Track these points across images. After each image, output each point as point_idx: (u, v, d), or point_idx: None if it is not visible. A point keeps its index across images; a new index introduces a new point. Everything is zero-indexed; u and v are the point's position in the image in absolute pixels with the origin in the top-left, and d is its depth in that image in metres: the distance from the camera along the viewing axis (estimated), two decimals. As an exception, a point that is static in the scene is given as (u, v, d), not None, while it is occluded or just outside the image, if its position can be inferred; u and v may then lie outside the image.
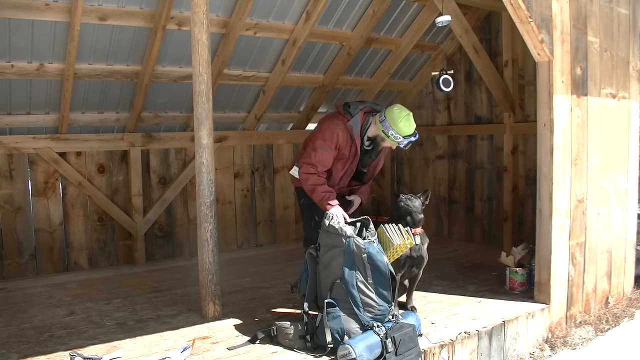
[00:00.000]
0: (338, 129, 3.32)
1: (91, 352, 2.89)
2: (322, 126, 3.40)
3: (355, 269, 2.87)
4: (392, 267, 2.93)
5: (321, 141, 3.31)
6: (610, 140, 3.97)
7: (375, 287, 2.86)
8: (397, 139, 3.24)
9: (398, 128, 3.21)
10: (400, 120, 3.21)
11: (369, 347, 2.70)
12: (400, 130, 3.22)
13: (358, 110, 3.37)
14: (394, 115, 3.23)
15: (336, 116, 3.42)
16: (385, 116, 3.25)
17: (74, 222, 4.79)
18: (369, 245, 2.89)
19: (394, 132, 3.22)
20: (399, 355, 2.71)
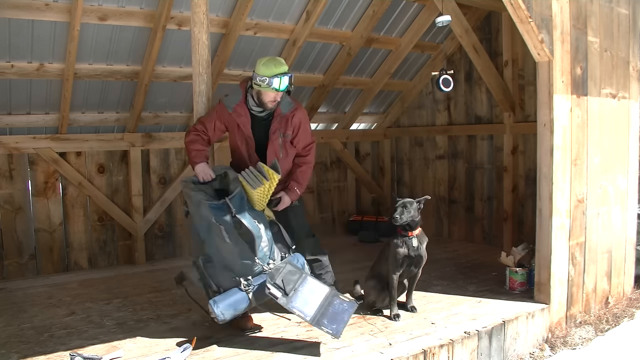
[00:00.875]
0: (219, 107, 3.29)
1: (91, 352, 2.89)
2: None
3: (211, 230, 2.94)
4: (261, 216, 2.99)
5: (205, 115, 3.33)
6: (610, 140, 3.97)
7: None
8: (265, 81, 3.09)
9: (261, 71, 3.11)
10: (262, 63, 3.14)
11: (232, 304, 2.86)
12: (264, 72, 3.10)
13: (238, 87, 3.32)
14: (257, 63, 3.17)
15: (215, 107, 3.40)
16: (254, 70, 3.17)
17: (74, 222, 4.80)
18: (218, 209, 2.89)
19: (260, 77, 3.11)
20: (289, 293, 2.85)
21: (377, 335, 3.14)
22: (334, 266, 4.77)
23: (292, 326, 3.32)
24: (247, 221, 2.89)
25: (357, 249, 5.54)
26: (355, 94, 6.01)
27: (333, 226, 6.40)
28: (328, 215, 6.37)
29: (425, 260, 3.45)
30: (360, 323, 3.35)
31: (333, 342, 3.03)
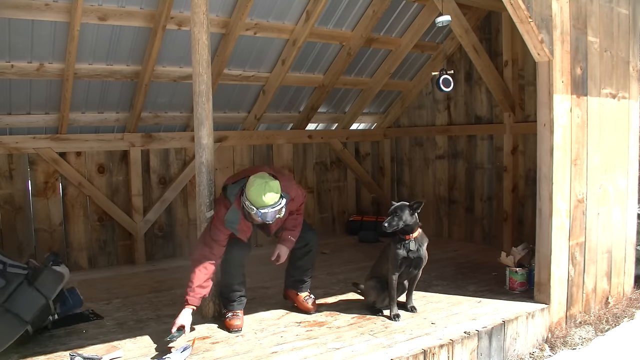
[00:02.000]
0: (219, 222, 3.10)
1: (91, 352, 2.90)
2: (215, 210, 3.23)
3: None
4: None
5: (214, 228, 3.11)
6: (610, 140, 3.97)
7: None
8: (252, 210, 2.89)
9: (252, 198, 2.90)
10: (253, 188, 2.89)
11: None
12: (255, 201, 2.89)
13: (233, 196, 3.06)
14: (248, 184, 2.93)
15: (220, 204, 3.18)
16: (246, 187, 2.94)
17: (74, 222, 4.80)
18: None
19: (248, 204, 2.91)
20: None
21: (377, 335, 3.14)
22: (334, 266, 4.80)
23: (292, 326, 3.32)
24: None
25: (357, 249, 5.54)
26: (355, 94, 6.01)
27: (333, 226, 6.40)
28: (328, 215, 6.37)
29: (425, 261, 3.45)
30: (360, 323, 3.35)
31: (333, 342, 3.03)
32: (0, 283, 2.91)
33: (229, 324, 3.26)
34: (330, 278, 4.38)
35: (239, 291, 3.34)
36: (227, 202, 3.10)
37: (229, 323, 3.26)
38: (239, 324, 3.26)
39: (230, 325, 3.24)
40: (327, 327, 3.29)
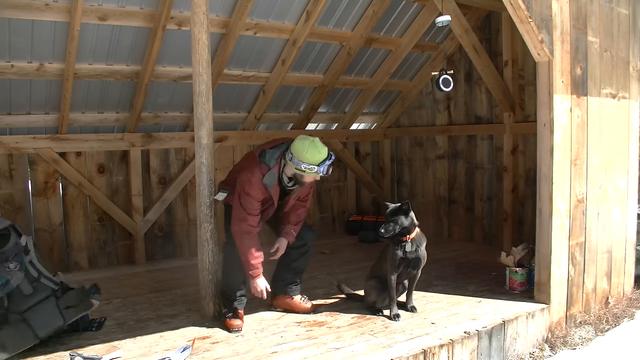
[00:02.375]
0: (255, 185, 3.15)
1: (91, 352, 2.90)
2: (243, 179, 3.19)
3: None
4: None
5: (244, 198, 3.15)
6: (610, 140, 3.97)
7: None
8: (312, 170, 3.10)
9: (307, 159, 3.09)
10: (306, 151, 3.09)
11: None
12: (312, 159, 3.09)
13: (274, 160, 3.19)
14: (297, 149, 3.12)
15: (253, 169, 3.20)
16: (292, 153, 3.13)
17: (74, 222, 4.80)
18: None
19: (306, 165, 3.09)
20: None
21: (377, 335, 3.14)
22: (334, 266, 4.80)
23: (292, 326, 3.32)
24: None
25: (357, 249, 5.54)
26: (355, 94, 6.01)
27: (333, 226, 6.40)
28: (328, 215, 6.37)
29: (424, 261, 3.45)
30: (361, 323, 3.35)
31: (333, 342, 3.03)
32: (27, 290, 2.91)
33: (230, 323, 3.25)
34: (330, 278, 4.38)
35: (239, 290, 3.33)
36: (263, 166, 3.17)
37: (230, 323, 3.25)
38: (239, 323, 3.26)
39: (231, 325, 3.24)
40: (327, 327, 3.29)
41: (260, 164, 3.20)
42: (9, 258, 2.95)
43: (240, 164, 3.49)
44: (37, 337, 2.87)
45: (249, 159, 3.34)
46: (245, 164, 3.31)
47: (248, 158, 3.39)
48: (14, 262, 2.95)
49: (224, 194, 3.37)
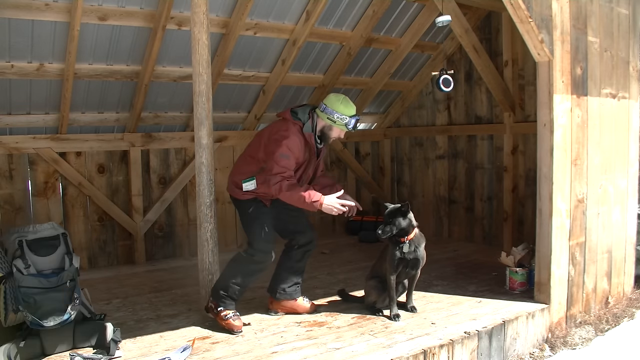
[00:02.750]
0: (295, 138, 3.20)
1: (91, 352, 2.90)
2: (280, 135, 3.19)
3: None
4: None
5: (283, 149, 3.14)
6: (610, 140, 3.97)
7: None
8: (344, 120, 3.27)
9: (341, 109, 3.27)
10: (340, 102, 3.28)
11: None
12: (344, 111, 3.27)
13: (306, 115, 3.30)
14: (332, 100, 3.29)
15: (288, 125, 3.25)
16: (325, 104, 3.28)
17: (74, 222, 4.79)
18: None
19: (339, 114, 3.26)
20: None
21: (377, 335, 3.14)
22: (334, 266, 4.80)
23: (292, 326, 3.32)
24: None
25: (357, 249, 5.54)
26: (355, 94, 6.01)
27: (333, 226, 6.40)
28: (328, 215, 6.34)
29: (423, 261, 3.45)
30: (361, 323, 3.35)
31: (333, 342, 3.03)
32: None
33: (231, 324, 3.18)
34: (330, 278, 4.38)
35: (242, 286, 3.27)
36: (297, 121, 3.26)
37: (230, 324, 3.19)
38: (240, 324, 3.21)
39: (232, 327, 3.17)
40: (327, 327, 3.29)
41: (293, 121, 3.26)
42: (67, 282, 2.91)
43: (261, 136, 3.36)
44: (44, 354, 2.86)
45: (279, 127, 3.27)
46: (274, 129, 3.27)
47: (278, 127, 3.28)
48: (76, 293, 2.93)
49: (251, 181, 3.27)
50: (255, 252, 3.25)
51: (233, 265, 3.29)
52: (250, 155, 3.36)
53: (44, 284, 2.85)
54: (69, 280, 2.93)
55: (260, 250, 3.25)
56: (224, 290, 3.24)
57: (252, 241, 3.29)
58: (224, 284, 3.25)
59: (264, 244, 3.26)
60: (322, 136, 3.38)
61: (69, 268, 2.96)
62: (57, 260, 2.98)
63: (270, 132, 3.28)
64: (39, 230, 3.04)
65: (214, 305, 3.26)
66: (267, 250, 3.26)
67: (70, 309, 2.85)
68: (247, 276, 3.27)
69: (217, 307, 3.25)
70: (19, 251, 2.92)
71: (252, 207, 3.32)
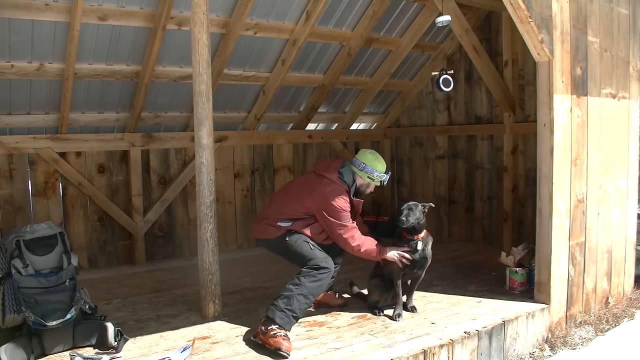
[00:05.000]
0: (347, 199, 3.35)
1: (91, 352, 2.90)
2: (336, 202, 3.29)
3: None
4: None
5: (345, 215, 3.31)
6: (610, 140, 3.97)
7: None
8: (381, 177, 3.43)
9: (379, 168, 3.42)
10: (378, 161, 3.44)
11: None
12: (382, 169, 3.43)
13: (350, 176, 3.42)
14: (370, 158, 3.43)
15: (338, 190, 3.34)
16: (364, 163, 3.41)
17: (74, 222, 4.79)
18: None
19: (377, 173, 3.41)
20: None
21: (377, 335, 3.14)
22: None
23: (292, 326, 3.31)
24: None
25: (357, 249, 5.53)
26: (355, 94, 6.01)
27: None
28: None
29: (430, 261, 3.47)
30: (361, 323, 3.35)
31: (333, 342, 3.03)
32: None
33: (280, 343, 2.86)
34: (330, 278, 4.37)
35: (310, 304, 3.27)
36: (344, 185, 3.38)
37: (279, 342, 2.87)
38: (289, 346, 2.90)
39: (281, 345, 2.85)
40: (327, 327, 3.29)
41: (340, 184, 3.37)
42: (66, 281, 2.91)
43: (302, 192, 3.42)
44: (43, 354, 2.85)
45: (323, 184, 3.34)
46: (322, 190, 3.32)
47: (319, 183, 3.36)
48: (77, 292, 2.94)
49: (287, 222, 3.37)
50: (321, 262, 3.25)
51: (298, 279, 3.20)
52: (285, 205, 3.42)
53: (44, 284, 2.86)
54: (68, 279, 2.93)
55: (321, 257, 3.28)
56: (288, 306, 3.09)
57: (310, 257, 3.28)
58: (289, 300, 3.11)
59: (319, 252, 3.31)
60: (357, 192, 3.50)
61: (68, 267, 2.97)
62: (55, 260, 2.99)
63: (321, 195, 3.31)
64: (36, 230, 3.05)
65: (265, 326, 3.02)
66: (326, 255, 3.31)
67: (73, 308, 2.85)
68: (317, 286, 3.22)
69: (268, 327, 3.01)
70: (16, 251, 2.92)
71: (288, 235, 3.36)
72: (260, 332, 3.01)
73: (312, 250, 3.31)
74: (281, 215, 3.40)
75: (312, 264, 3.24)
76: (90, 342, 2.96)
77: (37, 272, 2.90)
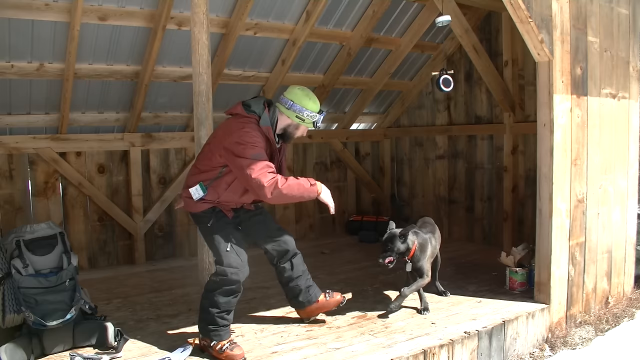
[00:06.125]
0: (256, 132, 2.87)
1: (91, 352, 2.90)
2: (239, 134, 2.83)
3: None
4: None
5: (251, 151, 2.79)
6: (610, 140, 3.97)
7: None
8: (314, 117, 2.99)
9: (310, 106, 2.99)
10: (309, 98, 3.01)
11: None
12: (313, 107, 3.00)
13: (261, 107, 2.94)
14: (298, 94, 2.98)
15: (243, 122, 2.90)
16: (291, 100, 2.96)
17: (74, 222, 4.79)
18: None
19: (309, 112, 2.97)
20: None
21: (377, 335, 3.14)
22: (334, 266, 4.80)
23: (292, 326, 3.32)
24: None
25: (357, 249, 5.53)
26: (355, 94, 6.01)
27: (333, 226, 6.40)
28: (328, 215, 6.36)
29: (423, 270, 3.50)
30: (361, 323, 3.35)
31: (333, 342, 3.03)
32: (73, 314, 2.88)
33: (230, 355, 2.78)
34: (330, 278, 4.38)
35: (228, 311, 2.92)
36: (253, 115, 2.91)
37: (229, 355, 2.78)
38: (240, 352, 2.81)
39: (233, 357, 2.77)
40: (327, 327, 3.29)
41: (248, 115, 2.90)
42: (66, 281, 2.92)
43: (213, 141, 3.01)
44: (43, 354, 2.86)
45: (227, 125, 2.96)
46: (228, 130, 2.90)
47: (234, 124, 2.92)
48: (77, 291, 2.93)
49: (200, 188, 2.89)
50: (225, 271, 2.84)
51: (208, 295, 2.89)
52: (200, 166, 2.98)
53: (44, 284, 2.86)
54: (68, 279, 2.93)
55: (231, 266, 2.85)
56: (211, 324, 2.86)
57: (219, 258, 2.90)
58: (207, 318, 2.88)
59: (234, 258, 2.88)
60: (284, 134, 3.06)
61: (68, 267, 2.97)
62: (55, 260, 2.99)
63: (225, 134, 2.90)
64: (36, 230, 3.05)
65: (207, 342, 2.88)
66: (238, 265, 2.87)
67: (73, 308, 2.85)
68: (227, 300, 2.87)
69: (211, 342, 2.86)
70: (16, 251, 2.92)
71: (212, 219, 2.96)
72: (206, 346, 2.89)
73: (227, 252, 2.88)
74: (194, 177, 2.94)
75: (219, 271, 2.87)
76: (90, 342, 2.96)
77: (37, 272, 2.90)
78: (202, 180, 2.91)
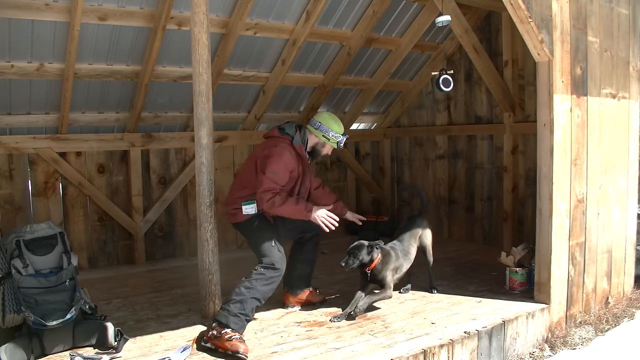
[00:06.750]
0: (286, 152, 3.35)
1: (91, 352, 2.90)
2: (267, 152, 3.35)
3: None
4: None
5: (273, 167, 3.28)
6: (610, 140, 3.97)
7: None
8: (338, 138, 3.47)
9: (335, 128, 3.47)
10: (334, 121, 3.49)
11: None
12: (338, 129, 3.48)
13: (293, 129, 3.47)
14: (325, 117, 3.49)
15: (277, 141, 3.43)
16: (319, 122, 3.47)
17: (74, 222, 4.80)
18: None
19: (333, 133, 3.46)
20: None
21: (377, 335, 3.14)
22: (334, 266, 4.77)
23: (292, 326, 3.32)
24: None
25: (357, 249, 5.52)
26: (355, 94, 6.01)
27: (333, 226, 6.39)
28: (328, 215, 6.36)
29: (385, 281, 3.49)
30: (361, 323, 3.35)
31: (333, 342, 3.03)
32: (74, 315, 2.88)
33: (236, 345, 2.81)
34: (330, 278, 4.38)
35: (262, 302, 3.20)
36: (286, 136, 3.44)
37: (236, 344, 2.82)
38: (246, 348, 2.85)
39: (238, 348, 2.80)
40: (327, 327, 3.29)
41: (282, 136, 3.43)
42: (66, 281, 2.92)
43: (253, 159, 3.49)
44: (43, 354, 2.85)
45: (263, 144, 3.50)
46: (264, 148, 3.42)
47: (268, 145, 3.44)
48: (77, 291, 2.94)
49: (251, 204, 3.38)
50: (273, 261, 3.23)
51: (253, 283, 3.12)
52: (242, 182, 3.48)
53: (44, 284, 2.86)
54: (68, 279, 2.93)
55: (278, 257, 3.26)
56: (241, 312, 3.02)
57: (266, 252, 3.28)
58: (241, 307, 3.04)
59: (278, 252, 3.29)
60: (312, 152, 3.57)
61: (68, 267, 2.97)
62: (55, 259, 2.99)
63: (260, 150, 3.44)
64: (36, 230, 3.05)
65: (218, 330, 2.94)
66: (282, 257, 3.29)
67: (73, 308, 2.85)
68: (271, 289, 3.20)
69: (223, 330, 2.93)
70: (16, 251, 2.92)
71: (257, 221, 3.40)
72: (212, 336, 2.93)
73: (273, 246, 3.30)
74: (241, 197, 3.41)
75: (267, 262, 3.23)
76: (90, 342, 2.96)
77: (37, 272, 2.90)
78: (247, 195, 3.38)
